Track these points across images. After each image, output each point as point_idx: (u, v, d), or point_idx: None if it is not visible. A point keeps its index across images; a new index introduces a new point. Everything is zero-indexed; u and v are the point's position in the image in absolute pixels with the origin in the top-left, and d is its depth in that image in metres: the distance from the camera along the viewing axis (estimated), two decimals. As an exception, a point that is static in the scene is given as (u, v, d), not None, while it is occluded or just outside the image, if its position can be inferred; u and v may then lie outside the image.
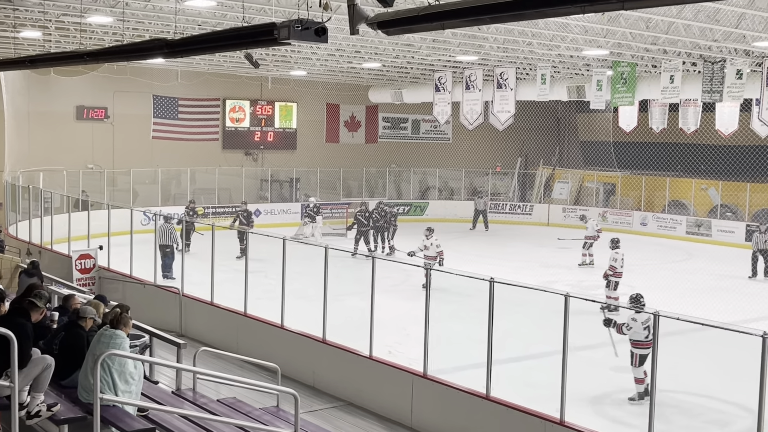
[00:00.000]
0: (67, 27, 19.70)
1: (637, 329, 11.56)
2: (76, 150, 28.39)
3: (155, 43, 12.34)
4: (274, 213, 30.88)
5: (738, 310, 16.76)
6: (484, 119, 27.54)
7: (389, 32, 9.34)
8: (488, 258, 24.32)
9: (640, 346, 11.61)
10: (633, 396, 11.71)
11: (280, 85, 32.64)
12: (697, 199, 31.03)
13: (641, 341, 11.59)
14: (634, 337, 11.64)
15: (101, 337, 7.61)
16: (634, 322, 11.57)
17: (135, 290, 16.48)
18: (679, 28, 17.96)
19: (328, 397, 11.75)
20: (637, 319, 11.56)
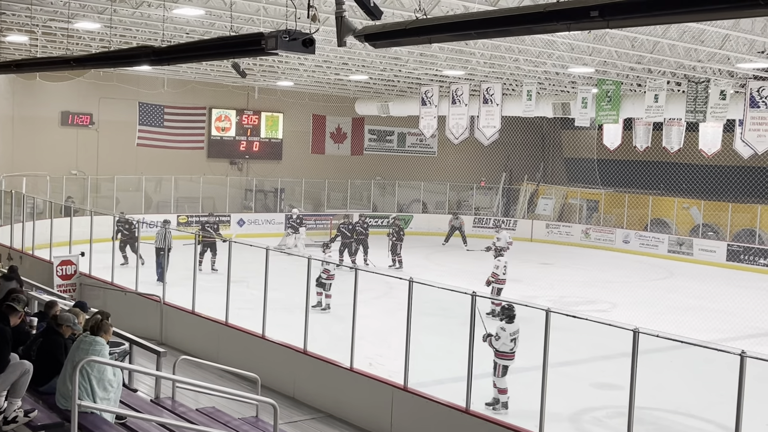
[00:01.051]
0: (54, 32, 19.66)
1: (504, 340, 11.62)
2: (60, 156, 28.27)
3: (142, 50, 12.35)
4: (258, 223, 30.83)
5: (717, 329, 16.87)
6: (469, 134, 27.66)
7: (376, 45, 9.40)
8: (471, 272, 24.34)
9: (505, 358, 11.70)
10: (490, 401, 11.67)
11: (266, 96, 32.66)
12: (679, 218, 31.23)
13: (506, 353, 11.69)
14: (502, 348, 11.68)
15: (81, 343, 7.57)
16: (503, 332, 11.64)
17: (116, 297, 16.40)
18: (664, 47, 18.12)
19: (308, 408, 11.72)
20: (506, 329, 11.64)
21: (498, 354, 11.72)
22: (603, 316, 17.04)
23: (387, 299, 17.60)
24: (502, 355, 11.71)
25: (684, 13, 6.90)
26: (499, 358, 11.72)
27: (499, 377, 11.78)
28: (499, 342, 11.66)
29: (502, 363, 11.75)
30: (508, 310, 11.78)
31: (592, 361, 14.74)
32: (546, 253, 29.80)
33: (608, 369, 13.86)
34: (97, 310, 8.85)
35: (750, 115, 20.44)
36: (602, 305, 19.98)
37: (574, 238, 32.57)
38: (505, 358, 11.73)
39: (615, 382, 12.65)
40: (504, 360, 11.74)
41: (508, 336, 11.65)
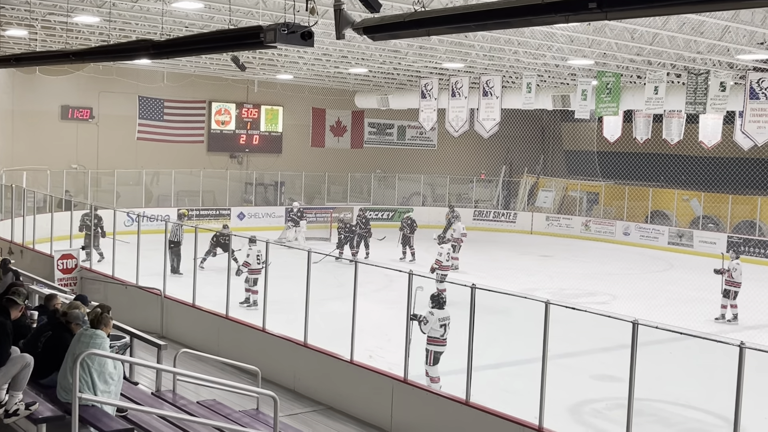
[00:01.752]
0: (53, 26, 19.64)
1: (433, 325, 11.65)
2: (60, 150, 28.27)
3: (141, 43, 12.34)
4: (258, 216, 30.85)
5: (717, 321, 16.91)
6: (469, 126, 27.64)
7: (375, 38, 9.39)
8: (470, 265, 24.38)
9: (435, 343, 11.75)
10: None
11: (266, 89, 32.64)
12: (680, 210, 31.24)
13: (436, 338, 11.72)
14: (431, 333, 11.72)
15: (81, 336, 7.59)
16: (431, 316, 11.65)
17: (117, 291, 16.42)
18: (664, 39, 18.11)
19: (309, 400, 11.75)
20: (435, 314, 11.66)
21: (429, 339, 11.76)
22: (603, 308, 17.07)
23: (387, 292, 17.62)
24: (432, 340, 11.77)
25: (683, 4, 6.90)
26: (429, 344, 11.78)
27: (430, 365, 11.82)
28: (428, 326, 11.69)
29: (433, 349, 11.80)
30: (437, 297, 11.86)
31: (591, 353, 14.77)
32: (546, 245, 29.84)
33: (608, 361, 13.88)
34: (98, 303, 8.87)
35: (750, 107, 20.42)
36: (602, 297, 20.00)
37: (575, 231, 32.59)
38: (436, 344, 11.79)
39: (615, 374, 12.69)
40: (434, 346, 11.80)
41: (437, 321, 11.69)
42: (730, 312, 17.76)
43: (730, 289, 17.91)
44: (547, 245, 29.83)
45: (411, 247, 24.78)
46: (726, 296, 17.89)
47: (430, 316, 11.69)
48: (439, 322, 11.71)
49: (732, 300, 17.83)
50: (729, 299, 17.86)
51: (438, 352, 11.82)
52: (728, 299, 17.87)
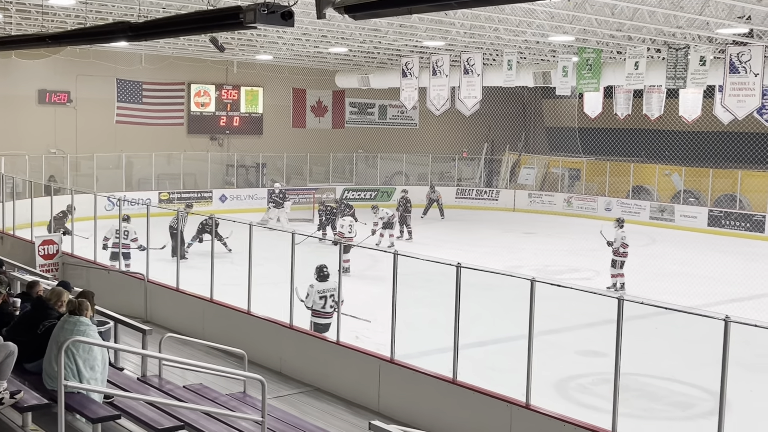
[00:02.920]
0: (28, 9, 19.38)
1: (314, 297, 12.13)
2: (38, 134, 28.00)
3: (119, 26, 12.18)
4: (240, 198, 30.74)
5: (700, 294, 17.02)
6: (450, 105, 27.57)
7: (356, 17, 9.30)
8: (455, 243, 24.44)
9: (316, 315, 12.25)
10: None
11: (245, 70, 32.41)
12: (661, 185, 31.39)
13: (318, 311, 12.23)
14: (314, 306, 12.19)
15: (65, 323, 7.52)
16: (311, 288, 12.16)
17: (99, 276, 16.32)
18: (644, 14, 18.09)
19: (296, 382, 11.74)
20: (314, 286, 12.14)
21: (313, 312, 12.28)
22: (587, 284, 17.21)
23: (372, 272, 17.63)
24: (314, 312, 12.28)
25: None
26: (312, 315, 12.29)
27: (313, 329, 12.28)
28: (310, 299, 12.16)
29: (314, 320, 12.30)
30: (319, 269, 12.27)
31: (577, 329, 14.84)
32: (529, 222, 29.92)
33: (593, 336, 13.95)
34: (81, 289, 8.79)
35: (730, 81, 20.48)
36: (586, 273, 20.10)
37: (557, 207, 32.69)
38: (316, 316, 12.29)
39: (600, 350, 12.77)
40: (315, 318, 12.29)
41: (316, 293, 12.17)
42: (618, 281, 17.98)
43: (617, 259, 18.20)
44: (530, 222, 29.92)
45: (408, 226, 25.05)
46: (614, 266, 18.19)
47: (311, 289, 12.16)
48: (319, 295, 12.16)
49: (619, 269, 18.13)
50: (616, 269, 18.15)
51: (319, 323, 12.25)
52: (615, 269, 18.15)
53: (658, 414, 11.27)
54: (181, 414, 7.58)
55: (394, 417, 10.26)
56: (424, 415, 10.16)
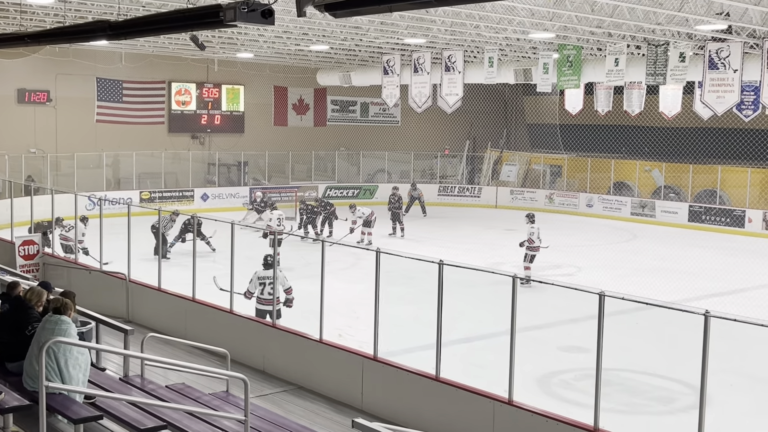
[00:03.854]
0: (6, 8, 19.23)
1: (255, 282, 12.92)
2: (17, 134, 27.79)
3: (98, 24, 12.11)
4: (222, 197, 30.65)
5: (681, 290, 17.13)
6: (432, 102, 27.59)
7: (337, 15, 9.29)
8: (437, 240, 24.49)
9: (259, 302, 12.95)
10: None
11: (226, 68, 32.31)
12: (641, 181, 31.56)
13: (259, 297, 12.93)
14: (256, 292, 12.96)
15: (46, 323, 7.48)
16: (254, 275, 12.90)
17: (80, 276, 16.24)
18: (624, 11, 18.18)
19: (279, 381, 11.73)
20: (257, 272, 12.85)
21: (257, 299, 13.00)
22: (568, 280, 17.28)
23: (354, 270, 17.63)
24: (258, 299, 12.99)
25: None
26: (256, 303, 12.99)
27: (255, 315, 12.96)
28: (252, 284, 12.92)
29: (257, 306, 12.98)
30: (265, 260, 13.00)
31: (558, 325, 14.91)
32: (511, 219, 29.96)
33: (575, 332, 14.02)
34: (62, 290, 8.75)
35: (709, 77, 20.60)
36: (567, 269, 20.18)
37: (539, 204, 32.81)
38: (259, 302, 12.98)
39: (582, 345, 12.84)
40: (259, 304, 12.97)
41: (257, 278, 12.91)
42: (525, 274, 18.33)
43: (528, 253, 18.80)
44: (512, 219, 29.93)
45: (400, 223, 25.30)
46: (525, 259, 18.75)
47: (254, 275, 12.87)
48: (258, 281, 12.82)
49: (528, 263, 18.70)
50: (526, 261, 18.70)
51: (259, 309, 12.85)
52: (526, 262, 18.70)
53: (640, 409, 11.35)
54: (163, 414, 7.56)
55: (377, 415, 10.28)
56: (408, 413, 10.18)
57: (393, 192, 26.18)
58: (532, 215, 19.42)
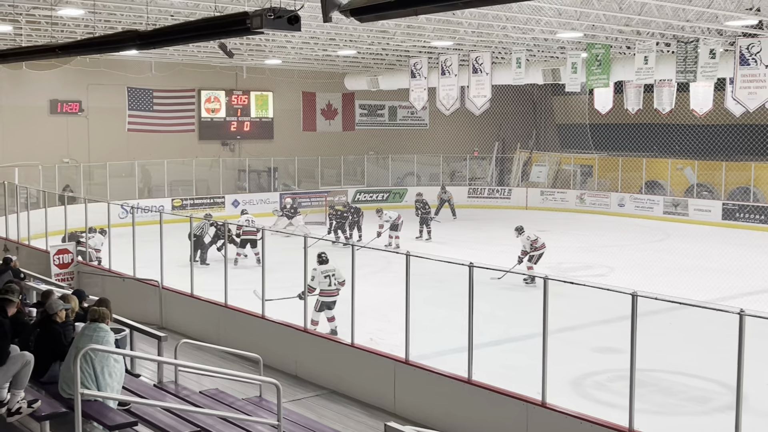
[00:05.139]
0: (38, 20, 19.50)
1: (319, 278, 13.43)
2: (51, 144, 28.14)
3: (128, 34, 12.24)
4: (253, 203, 30.78)
5: (715, 288, 16.94)
6: (460, 104, 27.57)
7: (362, 19, 9.32)
8: (467, 243, 24.44)
9: (325, 294, 13.62)
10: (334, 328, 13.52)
11: (255, 75, 32.48)
12: (674, 179, 31.25)
13: (325, 290, 13.55)
14: (321, 286, 13.50)
15: (85, 330, 7.58)
16: (315, 271, 13.38)
17: (114, 284, 16.39)
18: (652, 9, 18.03)
19: (311, 385, 11.76)
20: (317, 269, 13.40)
21: (321, 292, 13.55)
22: (601, 280, 17.14)
23: (385, 274, 17.61)
24: (323, 292, 13.56)
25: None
26: (321, 295, 13.57)
27: (315, 311, 13.59)
28: (315, 281, 13.34)
29: (323, 299, 13.61)
30: (319, 255, 13.63)
31: (591, 326, 14.79)
32: (541, 220, 29.82)
33: (608, 333, 13.90)
34: (98, 297, 8.85)
35: (740, 73, 20.38)
36: (600, 270, 20.03)
37: (569, 204, 32.62)
38: (325, 295, 13.61)
39: (615, 346, 12.71)
40: (324, 297, 13.62)
41: (320, 274, 13.46)
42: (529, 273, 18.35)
43: (534, 254, 18.66)
44: (543, 220, 29.82)
45: (428, 226, 25.17)
46: (531, 260, 18.63)
47: (314, 272, 13.32)
48: (323, 275, 13.43)
49: (534, 263, 18.60)
50: (531, 262, 18.59)
51: (326, 301, 13.61)
52: (531, 262, 18.60)
53: (675, 409, 11.23)
54: (197, 419, 7.62)
55: (410, 418, 10.28)
56: (440, 416, 10.16)
57: (417, 198, 26.06)
58: (520, 227, 19.27)
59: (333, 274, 13.62)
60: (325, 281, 13.54)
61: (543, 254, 18.83)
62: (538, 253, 18.75)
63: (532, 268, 18.34)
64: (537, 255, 18.74)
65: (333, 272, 13.63)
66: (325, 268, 13.59)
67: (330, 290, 13.65)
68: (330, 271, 13.61)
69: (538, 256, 18.76)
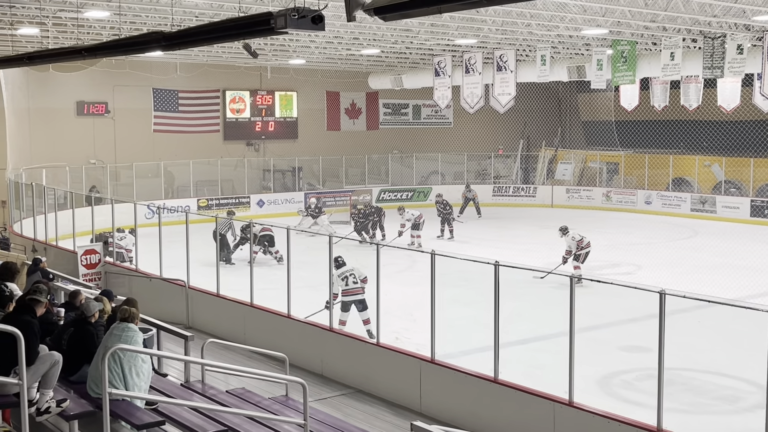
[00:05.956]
0: (64, 23, 19.65)
1: (336, 281, 13.39)
2: (77, 146, 28.38)
3: (153, 36, 12.29)
4: (278, 203, 30.89)
5: (744, 286, 16.75)
6: (484, 102, 27.45)
7: (386, 18, 9.29)
8: (493, 241, 24.36)
9: (346, 294, 13.53)
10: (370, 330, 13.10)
11: (279, 75, 32.56)
12: (701, 176, 30.97)
13: (345, 289, 13.50)
14: (343, 288, 13.48)
15: (114, 329, 7.64)
16: (333, 276, 13.28)
17: (141, 284, 16.51)
18: (678, 4, 17.87)
19: (337, 384, 11.78)
20: (334, 273, 13.31)
21: (342, 292, 13.52)
22: (628, 278, 16.99)
23: (410, 273, 17.60)
24: (344, 292, 13.53)
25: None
26: (343, 295, 13.53)
27: (341, 311, 13.54)
28: (335, 285, 13.33)
29: (344, 299, 13.52)
30: (335, 261, 13.42)
31: (619, 325, 14.70)
32: (567, 218, 29.54)
33: (636, 332, 13.80)
34: (125, 297, 8.91)
35: (768, 68, 20.14)
36: (627, 268, 19.89)
37: (596, 202, 32.40)
38: (346, 294, 13.53)
39: (643, 345, 12.62)
40: (346, 296, 13.53)
41: (337, 277, 13.39)
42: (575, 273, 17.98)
43: (581, 253, 18.58)
44: (569, 218, 29.58)
45: (450, 225, 25.10)
46: (578, 260, 18.54)
47: (333, 277, 13.25)
48: (339, 277, 13.42)
49: (580, 262, 18.51)
50: (578, 261, 18.47)
51: (348, 300, 13.51)
52: (578, 261, 18.48)
53: (705, 408, 11.12)
54: (224, 419, 7.64)
55: (436, 417, 10.26)
56: (467, 415, 10.14)
57: (437, 199, 25.90)
58: (564, 228, 19.13)
59: (351, 274, 13.59)
60: (342, 282, 13.51)
61: (589, 252, 18.74)
62: (584, 251, 18.66)
63: (579, 268, 18.20)
64: (584, 254, 18.65)
65: (350, 272, 13.59)
66: (341, 271, 13.53)
67: (350, 289, 13.55)
68: (346, 272, 13.57)
69: (584, 255, 18.67)
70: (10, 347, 6.50)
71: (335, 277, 13.38)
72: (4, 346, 6.70)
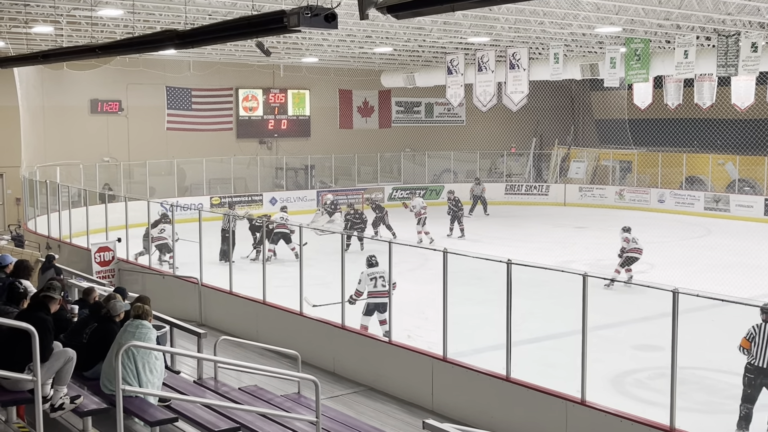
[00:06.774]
0: (78, 21, 19.74)
1: (365, 281, 13.16)
2: (91, 143, 28.51)
3: (166, 34, 12.33)
4: (290, 201, 30.90)
5: (758, 285, 16.66)
6: (497, 100, 27.41)
7: (399, 16, 9.28)
8: (505, 240, 24.32)
9: (372, 296, 13.18)
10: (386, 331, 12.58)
11: (292, 73, 32.61)
12: (715, 175, 30.83)
13: (372, 291, 13.17)
14: (369, 288, 13.17)
15: (128, 326, 7.68)
16: (362, 275, 13.20)
17: (154, 281, 16.57)
18: (692, 2, 17.80)
19: (349, 382, 11.79)
20: (364, 272, 13.21)
21: (368, 294, 13.17)
22: (641, 277, 16.97)
23: (422, 271, 17.60)
24: (370, 294, 13.16)
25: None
26: (369, 297, 13.17)
27: (363, 314, 13.21)
28: (362, 284, 13.12)
29: (369, 301, 13.16)
30: (368, 259, 13.37)
31: (632, 323, 14.66)
32: (580, 216, 29.62)
33: (649, 330, 13.77)
34: (138, 295, 8.95)
35: (783, 67, 20.05)
36: (640, 266, 19.77)
37: (608, 200, 32.31)
38: (372, 296, 13.14)
39: (656, 344, 12.60)
40: (372, 298, 13.14)
41: (366, 276, 13.15)
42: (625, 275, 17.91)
43: (632, 256, 18.17)
44: (582, 216, 29.60)
45: (460, 223, 25.01)
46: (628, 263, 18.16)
47: (362, 275, 13.13)
48: (368, 277, 13.11)
49: (629, 265, 18.12)
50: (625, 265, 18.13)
51: (374, 303, 13.11)
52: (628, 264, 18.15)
53: (718, 407, 11.08)
54: (236, 416, 7.67)
55: (448, 415, 10.26)
56: (478, 413, 10.14)
57: (449, 196, 25.85)
58: (627, 228, 18.84)
59: (380, 276, 13.21)
60: (371, 283, 13.19)
61: (636, 259, 18.22)
62: (633, 255, 18.19)
63: (619, 272, 17.99)
64: (631, 258, 18.18)
65: (381, 274, 13.20)
66: (372, 271, 13.22)
67: (377, 291, 13.18)
68: (377, 273, 13.21)
69: (631, 259, 18.20)
70: (25, 344, 6.54)
71: (364, 275, 13.18)
72: (19, 343, 6.75)
